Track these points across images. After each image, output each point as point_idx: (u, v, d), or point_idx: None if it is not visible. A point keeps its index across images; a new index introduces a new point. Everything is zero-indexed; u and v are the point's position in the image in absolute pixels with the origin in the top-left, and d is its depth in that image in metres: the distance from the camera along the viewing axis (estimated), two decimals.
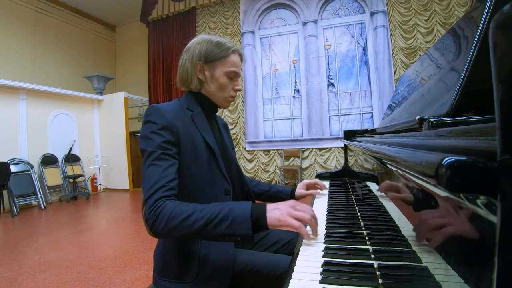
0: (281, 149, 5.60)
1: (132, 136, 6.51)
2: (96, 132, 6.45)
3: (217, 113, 1.02)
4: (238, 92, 0.97)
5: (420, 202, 0.42)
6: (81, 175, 5.72)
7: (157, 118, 0.79)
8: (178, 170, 0.78)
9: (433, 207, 0.35)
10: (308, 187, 1.17)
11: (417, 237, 0.43)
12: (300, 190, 1.13)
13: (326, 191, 1.30)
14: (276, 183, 5.62)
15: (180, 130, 0.81)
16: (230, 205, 0.69)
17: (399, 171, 0.49)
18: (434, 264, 0.35)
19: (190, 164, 0.81)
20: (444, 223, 0.32)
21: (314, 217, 0.72)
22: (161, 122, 0.78)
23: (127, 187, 6.21)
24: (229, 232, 0.66)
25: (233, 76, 0.90)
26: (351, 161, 1.55)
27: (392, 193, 0.60)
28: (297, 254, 0.65)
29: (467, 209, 0.25)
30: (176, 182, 0.75)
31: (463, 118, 0.45)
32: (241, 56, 0.93)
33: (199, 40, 0.90)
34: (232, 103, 6.60)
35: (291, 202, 0.72)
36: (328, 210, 0.99)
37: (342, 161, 2.76)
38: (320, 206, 1.04)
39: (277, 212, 0.68)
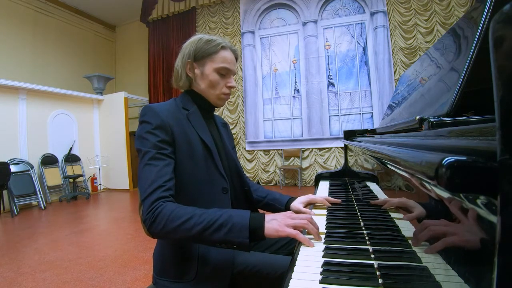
0: (281, 149, 5.60)
1: (132, 136, 6.51)
2: (96, 132, 6.45)
3: (216, 113, 1.02)
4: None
5: (420, 202, 0.42)
6: (81, 175, 5.72)
7: (151, 118, 0.79)
8: (174, 169, 0.78)
9: (433, 208, 0.35)
10: (310, 204, 1.04)
11: (418, 236, 0.43)
12: (297, 204, 1.00)
13: (326, 190, 1.30)
14: (276, 184, 5.62)
15: (174, 129, 0.80)
16: (229, 212, 0.70)
17: (399, 171, 0.49)
18: (434, 264, 0.35)
19: (186, 163, 0.81)
20: (444, 223, 0.32)
21: (311, 222, 0.71)
22: (155, 122, 0.78)
23: (127, 187, 6.21)
24: (226, 239, 0.66)
25: (225, 72, 0.88)
26: (351, 161, 1.55)
27: (398, 207, 0.61)
28: (297, 254, 0.65)
29: (467, 209, 0.25)
30: (173, 182, 0.75)
31: (463, 118, 0.45)
32: (234, 52, 0.91)
33: (191, 41, 0.90)
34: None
35: (288, 212, 0.74)
36: (328, 210, 0.99)
37: (342, 161, 2.76)
38: (321, 207, 1.04)
39: (275, 223, 0.69)
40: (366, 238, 0.70)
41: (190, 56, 0.88)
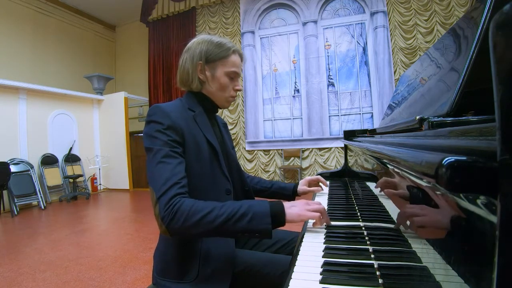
0: (281, 149, 5.60)
1: (132, 136, 6.51)
2: (96, 132, 6.45)
3: (217, 113, 1.02)
4: (238, 92, 0.97)
5: (420, 202, 0.42)
6: (81, 175, 5.72)
7: (161, 118, 0.79)
8: None
9: (433, 207, 0.35)
10: (310, 184, 1.18)
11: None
12: (302, 186, 1.14)
13: (326, 190, 1.31)
14: None
15: (184, 130, 0.81)
16: (248, 202, 0.72)
17: (399, 171, 0.49)
18: (434, 264, 0.35)
19: (193, 164, 0.81)
20: (444, 223, 0.32)
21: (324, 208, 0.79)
22: (166, 122, 0.78)
23: (127, 187, 6.20)
24: (249, 227, 0.68)
25: (234, 76, 0.90)
26: (351, 161, 1.55)
27: (391, 192, 0.60)
28: (297, 254, 0.65)
29: (467, 209, 0.25)
30: (186, 180, 0.75)
31: (463, 118, 0.45)
32: (241, 56, 0.93)
33: (199, 40, 0.90)
34: (232, 103, 6.59)
35: (304, 200, 0.79)
36: (328, 210, 0.99)
37: (342, 161, 2.76)
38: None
39: (296, 209, 0.74)
40: (366, 238, 0.70)
41: (201, 58, 0.87)
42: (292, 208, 0.73)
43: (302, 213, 0.73)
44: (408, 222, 0.49)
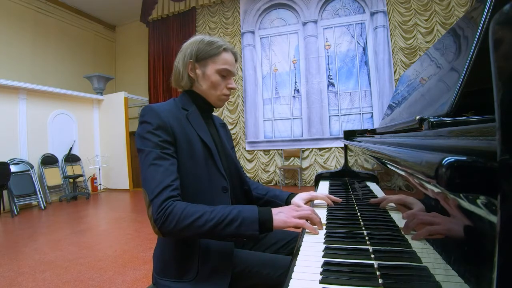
0: (281, 149, 5.60)
1: (132, 136, 6.50)
2: (96, 132, 6.45)
3: (216, 113, 1.02)
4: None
5: (420, 202, 0.42)
6: (81, 175, 5.72)
7: (151, 118, 0.79)
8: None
9: (433, 207, 0.35)
10: (311, 201, 1.05)
11: (416, 236, 0.43)
12: (298, 201, 1.00)
13: (326, 190, 1.30)
14: (276, 184, 5.62)
15: (175, 129, 0.81)
16: (238, 208, 0.73)
17: (399, 171, 0.49)
18: (434, 264, 0.35)
19: (187, 163, 0.81)
20: (444, 223, 0.32)
21: (314, 212, 0.78)
22: (156, 122, 0.79)
23: (127, 187, 6.21)
24: (238, 232, 0.70)
25: (226, 74, 0.90)
26: (351, 161, 1.55)
27: (398, 204, 0.61)
28: (297, 254, 0.65)
29: (467, 209, 0.25)
30: (179, 181, 0.76)
31: (463, 118, 0.45)
32: (234, 54, 0.93)
33: (192, 41, 0.91)
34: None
35: (292, 206, 0.80)
36: (328, 210, 0.99)
37: (342, 161, 2.76)
38: (320, 206, 1.04)
39: (282, 215, 0.74)
40: (366, 238, 0.70)
41: (192, 57, 0.88)
42: (279, 215, 0.74)
43: (287, 220, 0.73)
44: (410, 222, 0.49)
